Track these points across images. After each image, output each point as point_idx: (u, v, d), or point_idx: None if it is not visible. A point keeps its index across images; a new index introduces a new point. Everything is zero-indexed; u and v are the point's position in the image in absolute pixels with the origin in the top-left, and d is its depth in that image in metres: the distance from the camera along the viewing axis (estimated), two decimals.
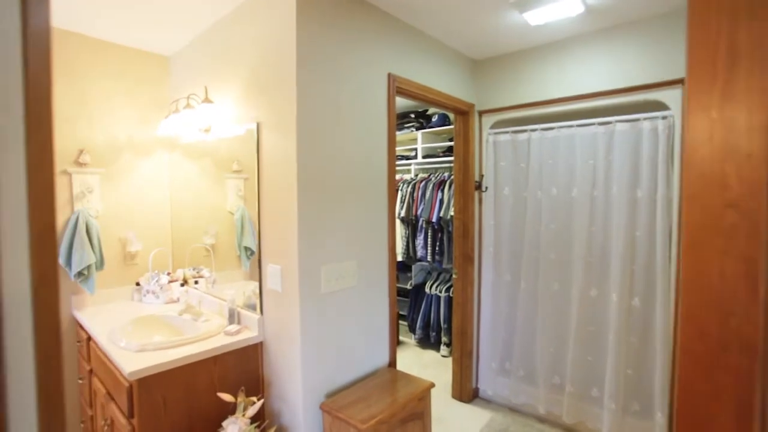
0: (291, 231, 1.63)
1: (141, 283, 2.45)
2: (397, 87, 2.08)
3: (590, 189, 2.36)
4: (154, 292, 2.39)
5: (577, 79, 2.36)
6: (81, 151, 2.26)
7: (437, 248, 3.58)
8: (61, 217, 2.22)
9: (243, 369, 1.79)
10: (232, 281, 2.12)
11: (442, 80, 2.41)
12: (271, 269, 1.77)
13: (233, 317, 1.92)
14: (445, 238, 3.56)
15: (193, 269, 2.49)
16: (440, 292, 3.71)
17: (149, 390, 1.50)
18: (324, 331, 1.72)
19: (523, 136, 2.64)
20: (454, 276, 2.83)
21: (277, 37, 1.66)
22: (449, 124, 3.85)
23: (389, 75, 2.02)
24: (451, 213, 3.38)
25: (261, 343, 1.85)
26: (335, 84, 1.73)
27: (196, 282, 2.43)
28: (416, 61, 2.21)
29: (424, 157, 3.98)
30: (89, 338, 1.99)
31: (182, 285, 2.45)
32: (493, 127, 2.77)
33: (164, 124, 2.20)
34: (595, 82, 2.30)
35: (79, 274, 2.18)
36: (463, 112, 2.71)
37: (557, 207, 2.50)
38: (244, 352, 1.80)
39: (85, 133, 2.28)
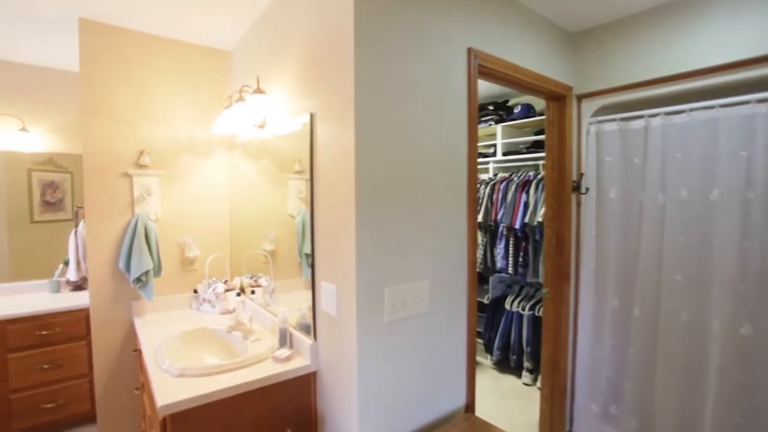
0: (347, 244, 1.33)
1: (198, 290, 2.33)
2: (479, 65, 1.68)
3: (741, 190, 1.76)
4: (209, 301, 2.26)
5: (718, 45, 1.77)
6: (141, 152, 2.19)
7: (520, 259, 3.09)
8: (122, 220, 2.15)
9: (293, 403, 1.53)
10: (292, 290, 1.89)
11: (532, 58, 1.96)
12: (325, 288, 1.48)
13: (284, 339, 1.67)
14: (530, 248, 3.05)
15: (251, 277, 2.32)
16: (523, 309, 3.21)
17: (184, 427, 1.29)
18: (387, 367, 1.39)
19: (637, 124, 2.08)
20: (543, 295, 2.35)
21: (332, 8, 1.37)
22: (534, 116, 3.33)
23: (470, 51, 1.63)
24: (539, 219, 2.88)
25: (314, 374, 1.58)
26: (403, 61, 1.40)
27: (252, 291, 2.26)
28: (501, 33, 1.79)
29: (504, 154, 3.50)
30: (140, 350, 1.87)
31: (238, 294, 2.29)
32: (595, 114, 2.25)
33: (219, 122, 2.04)
34: (746, 46, 1.70)
35: (138, 279, 2.10)
36: (558, 97, 2.22)
37: (688, 214, 1.91)
38: (295, 383, 1.53)
39: (145, 133, 2.21)
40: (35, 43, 2.37)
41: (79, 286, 2.81)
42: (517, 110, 3.41)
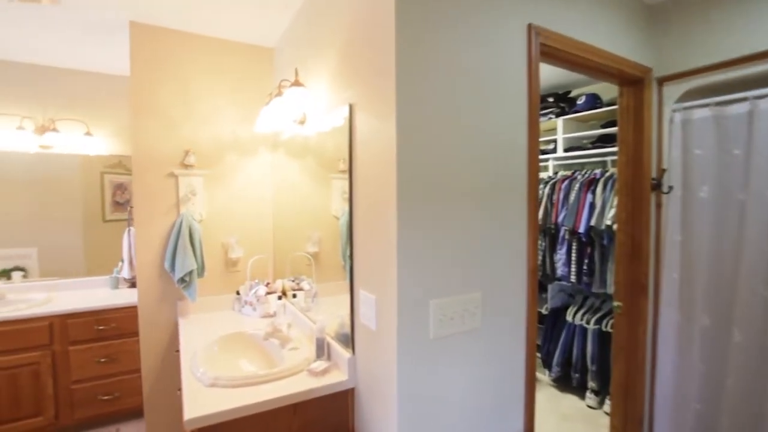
0: (388, 250, 1.18)
1: (240, 292, 2.29)
2: (541, 45, 1.46)
3: None
4: (251, 304, 2.21)
5: None
6: (187, 152, 2.18)
7: (585, 267, 2.77)
8: (168, 220, 2.16)
9: (329, 421, 1.40)
10: (334, 294, 1.77)
11: (602, 35, 1.69)
12: (363, 298, 1.34)
13: (321, 350, 1.56)
14: (596, 255, 2.73)
15: (293, 279, 2.24)
16: (587, 322, 2.88)
17: None
18: (431, 389, 1.22)
19: (737, 109, 1.74)
20: (615, 309, 2.04)
21: None
22: (600, 107, 2.99)
23: (530, 28, 1.42)
24: (607, 222, 2.56)
25: (352, 390, 1.44)
26: (450, 42, 1.22)
27: (294, 295, 2.18)
28: (566, 6, 1.55)
29: (566, 150, 3.17)
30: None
31: (279, 298, 2.22)
32: (680, 99, 1.92)
33: (259, 120, 1.97)
34: None
35: (182, 280, 2.10)
36: (634, 81, 1.92)
37: None
38: (332, 400, 1.40)
39: (190, 133, 2.21)
40: (94, 50, 2.46)
41: (134, 283, 2.91)
42: (580, 101, 3.08)
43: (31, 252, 2.81)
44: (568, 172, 3.09)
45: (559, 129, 3.18)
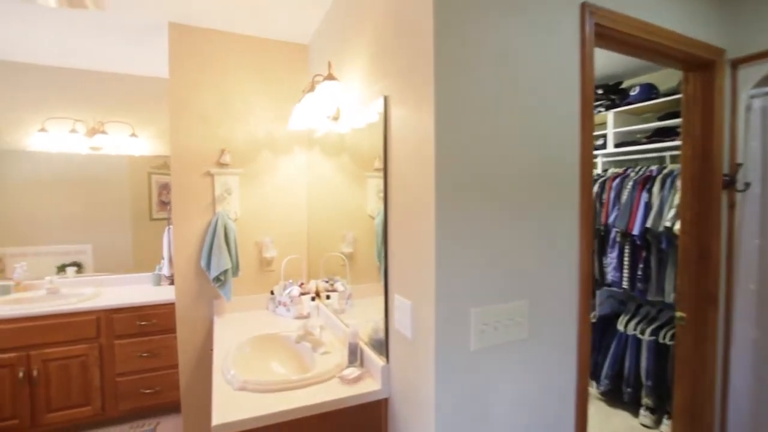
0: (425, 252, 1.08)
1: (274, 292, 2.27)
2: (596, 26, 1.31)
3: None
4: (285, 304, 2.18)
5: None
6: (222, 151, 2.19)
7: (639, 272, 2.54)
8: (204, 219, 2.18)
9: None
10: (369, 296, 1.70)
11: (666, 13, 1.51)
12: (398, 303, 1.25)
13: (354, 356, 1.48)
14: (652, 260, 2.49)
15: (327, 280, 2.20)
16: (642, 333, 2.64)
17: None
18: (473, 406, 1.12)
19: None
20: (677, 321, 1.84)
21: None
22: (656, 97, 2.73)
23: (584, 7, 1.27)
24: (666, 224, 2.32)
25: (385, 401, 1.36)
26: (492, 25, 1.11)
27: (328, 296, 2.13)
28: None
29: (617, 146, 2.93)
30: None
31: (313, 299, 2.18)
32: (760, 84, 1.69)
33: (292, 117, 1.93)
34: None
35: (217, 279, 2.10)
36: (703, 65, 1.71)
37: None
38: (363, 410, 1.33)
39: (226, 132, 2.21)
40: (137, 53, 2.53)
41: (173, 281, 2.98)
42: (633, 92, 2.83)
43: (86, 248, 2.96)
44: (620, 170, 2.85)
45: (609, 123, 2.95)
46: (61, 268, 2.90)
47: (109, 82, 2.93)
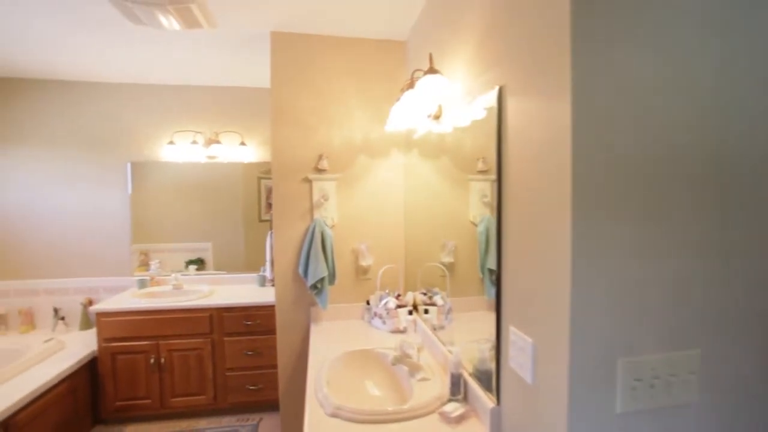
0: (556, 278, 0.85)
1: (370, 302, 2.18)
2: None
3: None
4: (380, 316, 2.07)
5: None
6: (320, 157, 2.17)
7: None
8: (302, 225, 2.18)
9: None
10: (471, 310, 1.50)
11: None
12: (514, 338, 1.03)
13: (457, 388, 1.29)
14: None
15: (424, 292, 2.04)
16: None
17: None
18: None
19: None
20: None
21: None
22: None
23: None
24: None
25: None
26: None
27: (426, 311, 1.97)
28: None
29: None
30: None
31: (410, 313, 2.04)
32: None
33: (390, 118, 1.81)
34: None
35: (314, 286, 2.08)
36: None
37: None
38: None
39: (323, 136, 2.19)
40: (241, 66, 2.67)
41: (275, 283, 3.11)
42: None
43: (207, 246, 3.27)
44: None
45: None
46: (191, 262, 3.23)
47: (220, 95, 3.17)
